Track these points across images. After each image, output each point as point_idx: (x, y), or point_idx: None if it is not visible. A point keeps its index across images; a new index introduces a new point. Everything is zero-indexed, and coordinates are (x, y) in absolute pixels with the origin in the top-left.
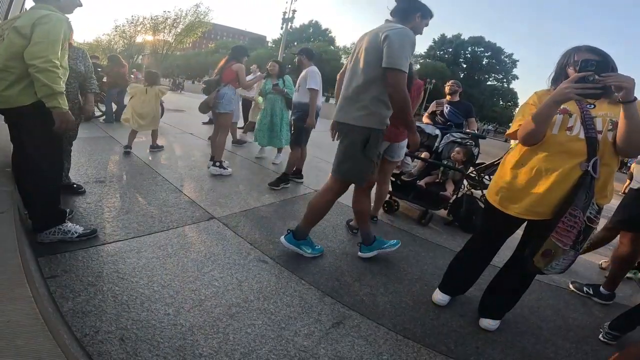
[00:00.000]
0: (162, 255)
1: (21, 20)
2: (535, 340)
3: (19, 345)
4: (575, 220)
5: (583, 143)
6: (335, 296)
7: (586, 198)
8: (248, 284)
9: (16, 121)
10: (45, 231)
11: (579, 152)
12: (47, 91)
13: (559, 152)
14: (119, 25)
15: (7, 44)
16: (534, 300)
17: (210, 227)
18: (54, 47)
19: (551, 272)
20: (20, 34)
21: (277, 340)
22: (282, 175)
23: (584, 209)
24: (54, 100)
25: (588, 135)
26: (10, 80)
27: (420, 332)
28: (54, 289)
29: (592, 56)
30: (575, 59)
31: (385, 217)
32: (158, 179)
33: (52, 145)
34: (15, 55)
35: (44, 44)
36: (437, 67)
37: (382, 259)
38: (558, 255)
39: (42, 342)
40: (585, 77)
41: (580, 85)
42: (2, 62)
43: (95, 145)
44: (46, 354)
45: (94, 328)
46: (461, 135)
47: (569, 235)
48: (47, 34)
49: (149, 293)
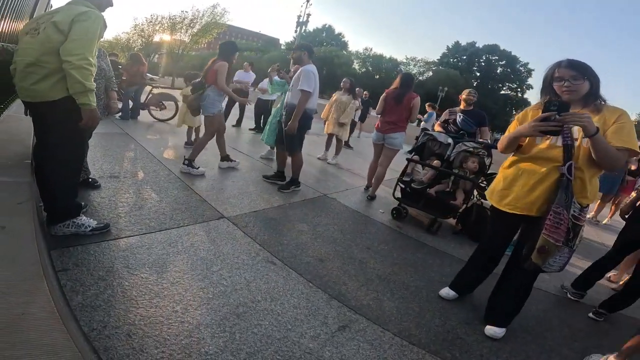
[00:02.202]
0: (172, 252)
1: (60, 16)
2: (540, 350)
3: (32, 338)
4: (560, 218)
5: (560, 150)
6: (342, 300)
7: (566, 197)
8: (256, 285)
9: (43, 114)
10: (59, 224)
11: (557, 157)
12: (80, 88)
13: (540, 157)
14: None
15: (43, 38)
16: (540, 310)
17: (220, 226)
18: (90, 45)
19: (550, 270)
20: (58, 30)
21: (283, 341)
22: (291, 180)
23: (566, 207)
24: (85, 97)
25: (565, 142)
26: (42, 74)
27: (425, 338)
28: (64, 282)
29: (570, 72)
30: (557, 75)
31: (393, 223)
32: (171, 177)
33: (77, 139)
34: (50, 50)
35: (82, 41)
36: (450, 75)
37: (389, 266)
38: (552, 250)
39: (56, 337)
40: (548, 117)
41: (544, 124)
42: (36, 56)
43: (111, 141)
44: (60, 348)
45: (101, 323)
46: (474, 145)
47: (558, 232)
48: (86, 31)
49: (158, 289)
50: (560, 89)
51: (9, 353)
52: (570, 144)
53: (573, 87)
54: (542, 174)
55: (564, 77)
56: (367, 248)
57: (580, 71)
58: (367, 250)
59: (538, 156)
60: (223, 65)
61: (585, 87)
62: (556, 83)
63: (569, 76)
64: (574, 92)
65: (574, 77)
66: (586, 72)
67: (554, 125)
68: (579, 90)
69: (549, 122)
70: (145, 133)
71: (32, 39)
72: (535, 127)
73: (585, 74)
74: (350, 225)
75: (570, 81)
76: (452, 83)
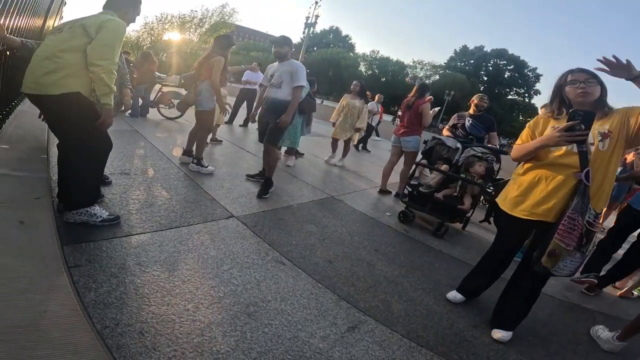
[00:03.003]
0: (183, 250)
1: (89, 20)
2: (545, 353)
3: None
4: (574, 223)
5: (577, 156)
6: (351, 301)
7: (582, 203)
8: (266, 284)
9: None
10: (73, 211)
11: (573, 163)
12: (106, 90)
13: (557, 163)
14: (148, 23)
15: (68, 36)
16: (546, 315)
17: (229, 225)
18: (117, 50)
19: (560, 274)
20: (85, 32)
21: (293, 341)
22: (265, 182)
23: (582, 214)
24: (108, 98)
25: (580, 149)
26: (51, 68)
27: (433, 340)
28: (77, 279)
29: (584, 75)
30: (570, 79)
31: (400, 226)
32: (180, 175)
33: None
34: (69, 47)
35: (111, 47)
36: (457, 79)
37: (397, 268)
38: (563, 255)
39: (80, 335)
40: (573, 126)
41: (570, 134)
42: (52, 52)
43: (121, 138)
44: (84, 346)
45: (114, 320)
46: (482, 150)
47: (571, 237)
48: (114, 37)
49: (170, 287)
50: (575, 92)
51: (32, 353)
52: (585, 151)
53: (588, 88)
54: (560, 181)
55: (578, 80)
56: (374, 250)
57: (593, 75)
58: (375, 252)
59: (555, 163)
60: (219, 61)
61: (598, 91)
62: (570, 86)
63: (584, 79)
64: (589, 94)
65: (589, 80)
66: (597, 77)
67: (580, 134)
68: (593, 93)
69: (574, 131)
70: (155, 131)
71: (54, 37)
72: (562, 137)
73: (597, 78)
74: (357, 227)
75: (585, 83)
76: (458, 87)
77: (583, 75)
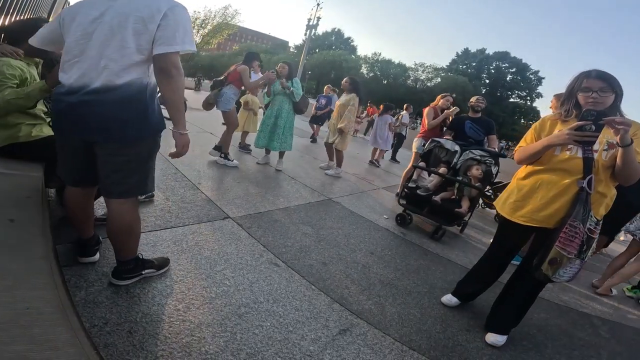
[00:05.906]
0: (176, 251)
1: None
2: (539, 358)
3: (35, 333)
4: (575, 231)
5: (580, 161)
6: (344, 303)
7: (584, 211)
8: (259, 286)
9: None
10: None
11: (576, 169)
12: None
13: (559, 168)
14: None
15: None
16: (542, 319)
17: (224, 226)
18: None
19: (560, 280)
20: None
21: (284, 343)
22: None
23: (583, 221)
24: None
25: (585, 155)
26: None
27: (426, 344)
28: (68, 277)
29: (600, 83)
30: (585, 85)
31: (397, 229)
32: (177, 175)
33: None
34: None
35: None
36: (459, 82)
37: (392, 271)
38: (564, 263)
39: (60, 332)
40: (584, 126)
41: (580, 133)
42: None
43: None
44: (63, 343)
45: (103, 319)
46: (481, 153)
47: (572, 245)
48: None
49: (161, 287)
50: (586, 100)
51: (8, 347)
52: (590, 157)
53: (600, 99)
54: (562, 186)
55: (592, 88)
56: (370, 253)
57: (609, 83)
58: (371, 255)
59: (557, 167)
60: (245, 69)
61: (611, 99)
62: (583, 93)
63: (598, 88)
64: (599, 104)
65: (603, 90)
66: (614, 84)
67: (590, 135)
68: (604, 103)
69: (585, 131)
70: None
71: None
72: (571, 135)
73: (613, 86)
74: (354, 229)
75: (598, 93)
76: (460, 90)
77: (598, 83)
